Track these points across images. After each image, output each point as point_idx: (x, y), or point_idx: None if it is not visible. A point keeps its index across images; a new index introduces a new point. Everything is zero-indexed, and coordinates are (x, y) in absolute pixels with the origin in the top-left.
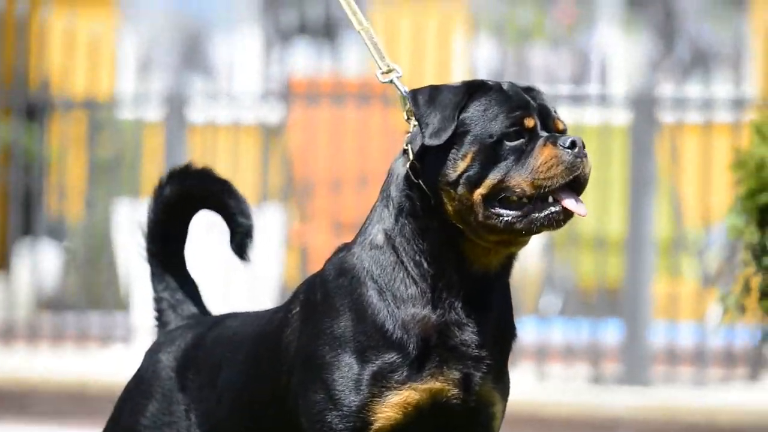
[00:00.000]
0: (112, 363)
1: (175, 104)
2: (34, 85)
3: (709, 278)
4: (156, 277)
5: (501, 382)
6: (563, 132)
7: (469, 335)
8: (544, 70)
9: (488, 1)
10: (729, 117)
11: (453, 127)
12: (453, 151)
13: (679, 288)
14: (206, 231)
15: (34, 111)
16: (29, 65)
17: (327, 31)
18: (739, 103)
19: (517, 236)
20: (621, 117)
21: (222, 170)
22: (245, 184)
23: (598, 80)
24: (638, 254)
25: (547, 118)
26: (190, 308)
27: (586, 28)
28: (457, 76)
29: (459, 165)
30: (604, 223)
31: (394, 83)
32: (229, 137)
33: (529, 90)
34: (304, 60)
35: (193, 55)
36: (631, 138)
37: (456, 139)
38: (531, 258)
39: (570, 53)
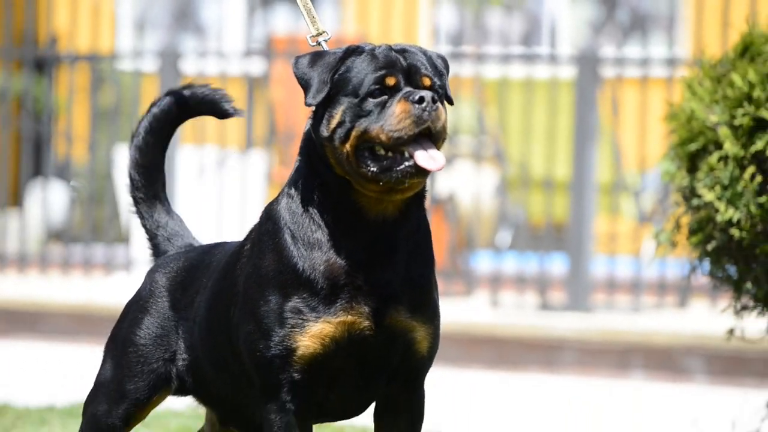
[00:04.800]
0: (114, 289)
1: (169, 58)
2: (43, 41)
3: (644, 217)
4: (146, 219)
5: (419, 312)
6: (429, 88)
7: (375, 274)
8: (499, 32)
9: None
10: (663, 74)
11: (327, 88)
12: (328, 109)
13: (618, 225)
14: (199, 176)
15: (43, 65)
16: (38, 23)
17: None
18: (672, 62)
19: (390, 186)
20: (567, 73)
21: (211, 120)
22: (233, 132)
23: (548, 41)
24: (582, 195)
25: (415, 76)
26: (184, 240)
27: None
28: (422, 37)
29: (332, 122)
30: (551, 167)
31: (321, 45)
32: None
33: (403, 51)
34: (283, 21)
35: (184, 14)
36: (576, 92)
37: (331, 99)
38: (486, 197)
39: (522, 17)
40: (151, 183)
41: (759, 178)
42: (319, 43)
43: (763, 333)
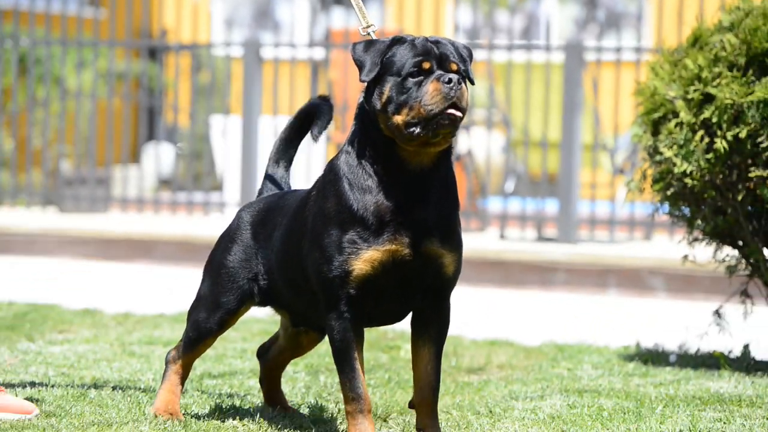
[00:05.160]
0: (210, 225)
1: (252, 47)
2: (155, 34)
3: (618, 170)
4: (271, 173)
5: (447, 242)
6: (455, 72)
7: (414, 213)
8: (505, 27)
9: None
10: (633, 59)
11: (377, 69)
12: (378, 86)
13: (598, 176)
14: (274, 138)
15: (155, 52)
16: (151, 21)
17: None
18: (639, 50)
19: (426, 140)
20: (558, 59)
21: (283, 94)
22: (299, 104)
23: (543, 34)
24: (570, 153)
25: (445, 62)
26: (280, 188)
27: None
28: (446, 32)
29: (383, 97)
30: (546, 131)
31: (370, 35)
32: (289, 70)
33: (437, 42)
34: (339, 18)
35: (264, 14)
36: (565, 73)
37: (379, 77)
38: (495, 154)
39: (523, 16)
40: (280, 157)
41: (707, 140)
42: (368, 33)
43: (710, 258)
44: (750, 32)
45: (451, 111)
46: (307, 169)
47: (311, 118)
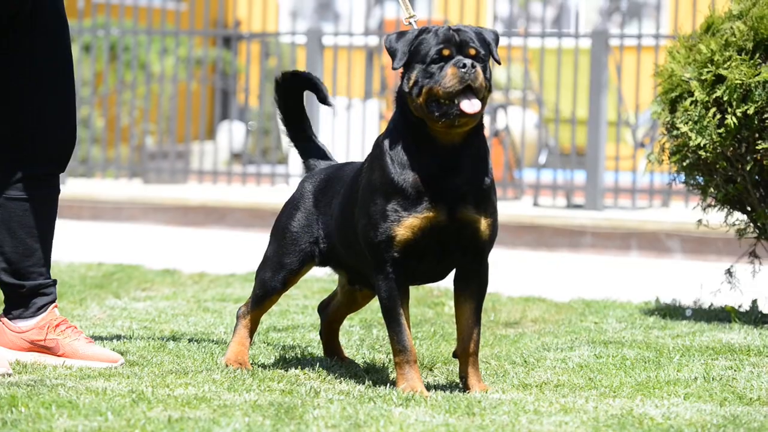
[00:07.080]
0: (277, 195)
1: (314, 35)
2: (229, 24)
3: (639, 144)
4: (300, 150)
5: (481, 209)
6: (473, 57)
7: (448, 183)
8: (539, 17)
9: None
10: (652, 44)
11: (406, 57)
12: (408, 72)
13: (621, 150)
14: (333, 117)
15: (230, 40)
16: (227, 13)
17: None
18: (658, 37)
19: (449, 124)
20: (586, 44)
21: (342, 78)
22: (356, 86)
23: (573, 23)
24: (596, 129)
25: (464, 48)
26: (326, 160)
27: None
28: (487, 22)
29: (410, 82)
30: (575, 109)
31: (412, 24)
32: (347, 56)
33: (458, 30)
34: (391, 9)
35: (325, 6)
36: (592, 57)
37: (408, 64)
38: (530, 130)
39: (555, 6)
40: (297, 127)
41: (718, 116)
42: (410, 23)
43: (722, 223)
44: (757, 20)
45: (463, 105)
46: (362, 143)
47: (297, 97)
